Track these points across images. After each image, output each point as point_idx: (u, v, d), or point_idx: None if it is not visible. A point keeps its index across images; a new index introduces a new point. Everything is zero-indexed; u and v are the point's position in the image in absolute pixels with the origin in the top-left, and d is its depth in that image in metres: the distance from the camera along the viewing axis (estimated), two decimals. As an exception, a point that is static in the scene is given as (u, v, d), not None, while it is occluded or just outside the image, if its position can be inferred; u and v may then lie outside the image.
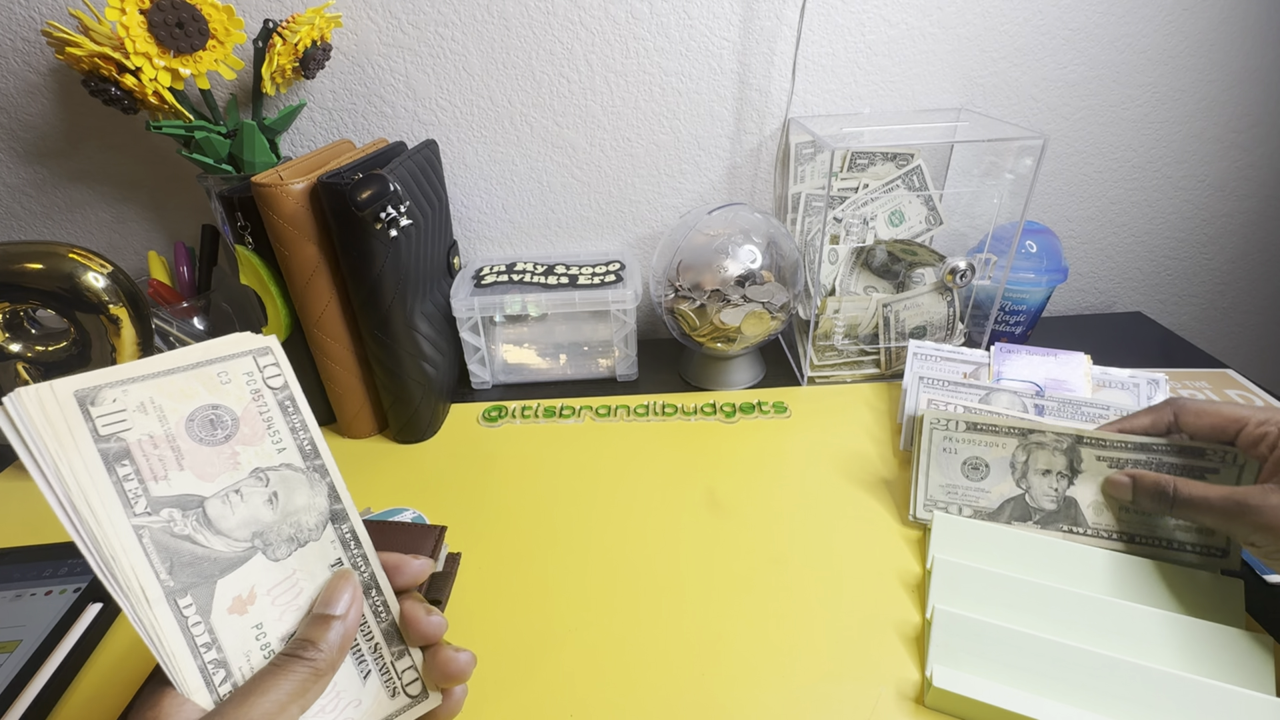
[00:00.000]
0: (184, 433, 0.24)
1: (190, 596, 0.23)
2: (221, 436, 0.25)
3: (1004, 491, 0.44)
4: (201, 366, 0.25)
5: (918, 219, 0.63)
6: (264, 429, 0.26)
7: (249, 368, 0.26)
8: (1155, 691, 0.33)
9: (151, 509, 0.23)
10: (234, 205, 0.51)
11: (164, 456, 0.24)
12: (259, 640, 0.25)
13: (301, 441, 0.27)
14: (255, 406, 0.26)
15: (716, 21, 0.62)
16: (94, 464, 0.22)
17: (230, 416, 0.25)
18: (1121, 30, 0.64)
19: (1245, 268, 0.79)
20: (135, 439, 0.23)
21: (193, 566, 0.24)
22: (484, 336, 0.64)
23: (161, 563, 0.23)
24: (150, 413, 0.24)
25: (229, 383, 0.25)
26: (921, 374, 0.55)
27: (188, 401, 0.25)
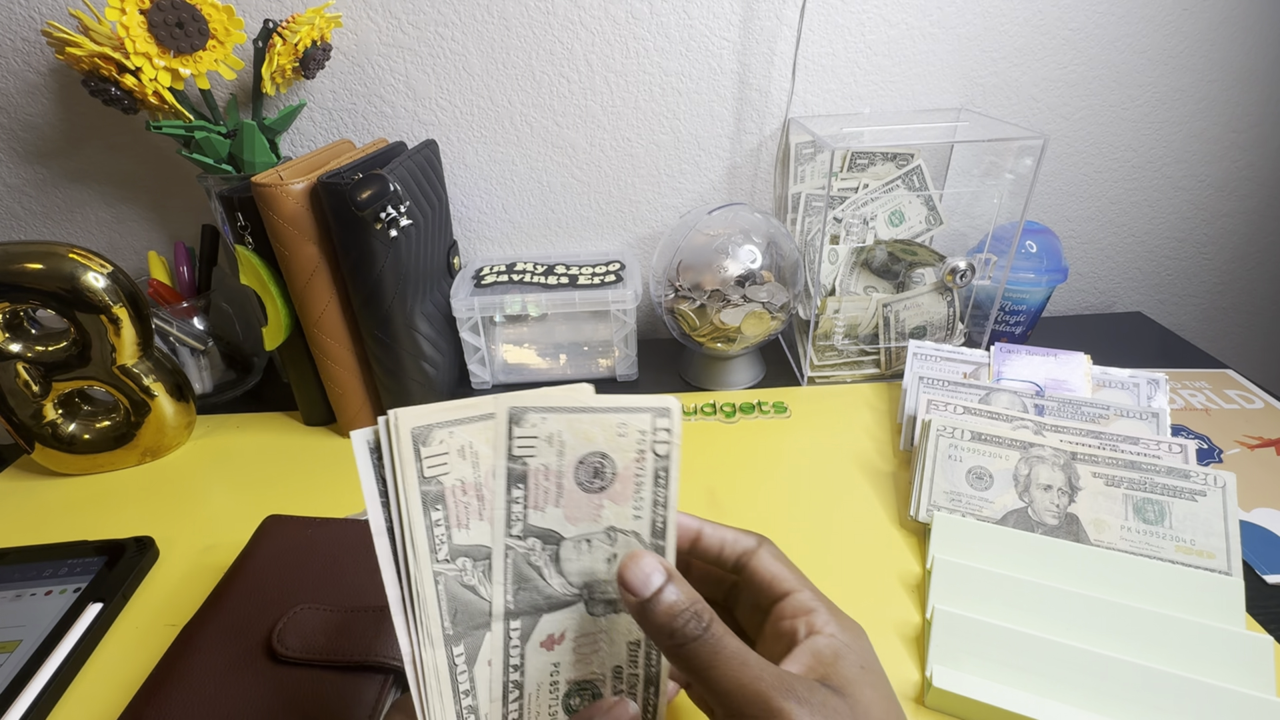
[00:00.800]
0: (571, 473, 0.24)
1: (462, 646, 0.24)
2: (598, 486, 0.25)
3: (1007, 503, 0.44)
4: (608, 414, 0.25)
5: (918, 219, 0.63)
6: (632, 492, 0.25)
7: (645, 426, 0.24)
8: (1155, 691, 0.33)
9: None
10: (234, 205, 0.51)
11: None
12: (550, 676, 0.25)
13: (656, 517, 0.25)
14: (634, 467, 0.25)
15: (716, 21, 0.62)
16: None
17: (612, 469, 0.25)
18: (1121, 30, 0.64)
19: (1245, 268, 0.79)
20: (535, 466, 0.24)
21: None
22: (484, 336, 0.64)
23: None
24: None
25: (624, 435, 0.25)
26: (921, 374, 0.55)
27: (585, 444, 0.24)
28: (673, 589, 0.22)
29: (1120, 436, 0.45)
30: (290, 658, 0.35)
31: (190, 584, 0.44)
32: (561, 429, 0.24)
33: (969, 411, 0.49)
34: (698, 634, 0.21)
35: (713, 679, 0.21)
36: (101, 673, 0.39)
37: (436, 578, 0.23)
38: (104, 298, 0.50)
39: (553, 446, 0.24)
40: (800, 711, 0.20)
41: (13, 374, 0.51)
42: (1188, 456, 0.43)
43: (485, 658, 0.25)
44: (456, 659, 0.24)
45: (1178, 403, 0.58)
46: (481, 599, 0.25)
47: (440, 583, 0.24)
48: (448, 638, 0.24)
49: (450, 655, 0.24)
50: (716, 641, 0.21)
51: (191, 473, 0.56)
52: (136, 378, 0.54)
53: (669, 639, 0.22)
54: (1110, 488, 0.42)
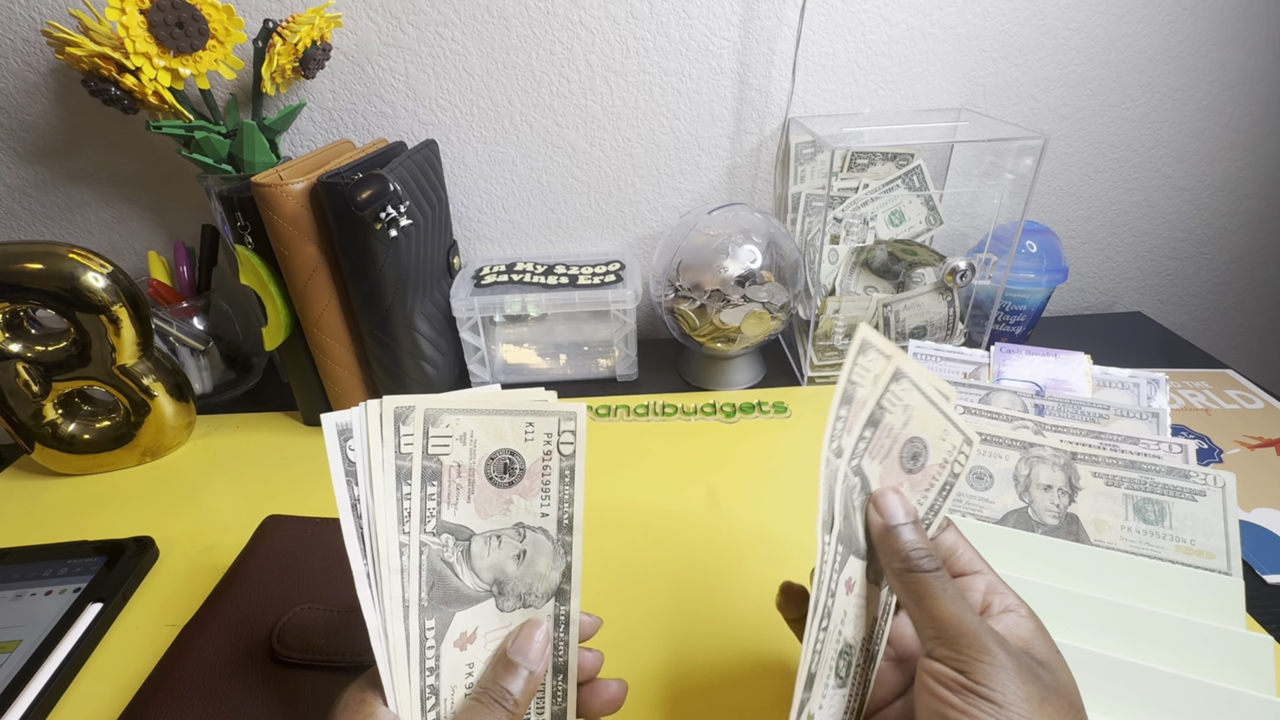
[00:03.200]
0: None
1: (434, 620, 0.25)
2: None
3: (1007, 503, 0.44)
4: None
5: (918, 219, 0.63)
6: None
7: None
8: (1155, 691, 0.33)
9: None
10: (234, 205, 0.51)
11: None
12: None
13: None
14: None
15: (716, 21, 0.62)
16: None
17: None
18: (1121, 30, 0.64)
19: (1245, 268, 0.79)
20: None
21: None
22: (484, 336, 0.64)
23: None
24: (467, 444, 0.25)
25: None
26: (921, 374, 0.55)
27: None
28: (914, 528, 0.25)
29: (1120, 436, 0.45)
30: (290, 658, 0.35)
31: (190, 584, 0.44)
32: (474, 428, 0.25)
33: (969, 411, 0.49)
34: (931, 568, 0.24)
35: (934, 607, 0.23)
36: (101, 673, 0.39)
37: (422, 548, 0.24)
38: (104, 298, 0.50)
39: (466, 445, 0.25)
40: (1006, 657, 0.21)
41: (13, 374, 0.51)
42: (1188, 456, 0.43)
43: (452, 639, 0.25)
44: (427, 632, 0.24)
45: (1178, 403, 0.58)
46: (457, 579, 0.25)
47: (425, 553, 0.25)
48: (422, 608, 0.24)
49: (421, 627, 0.24)
50: (943, 578, 0.23)
51: (191, 473, 0.56)
52: (136, 378, 0.54)
53: (903, 562, 0.24)
54: (1110, 488, 0.42)
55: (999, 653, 0.21)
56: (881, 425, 0.25)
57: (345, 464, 0.24)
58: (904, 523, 0.25)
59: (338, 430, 0.24)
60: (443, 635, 0.25)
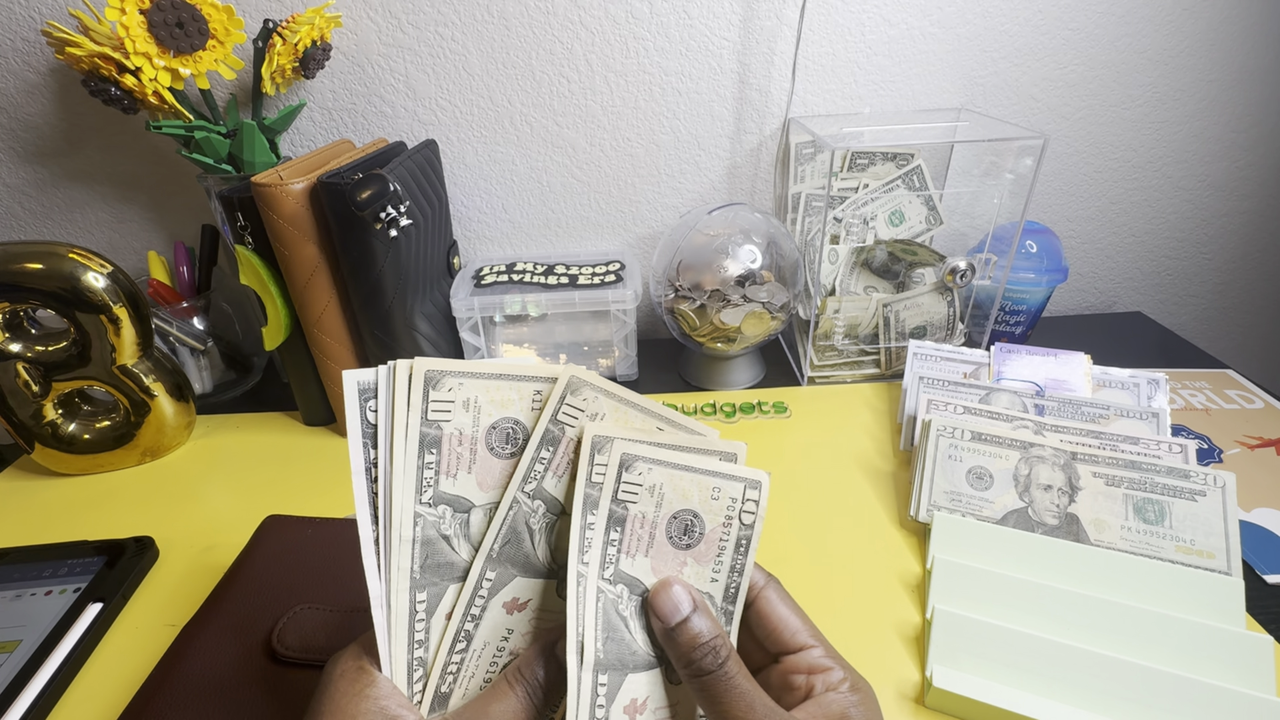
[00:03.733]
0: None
1: (425, 594, 0.24)
2: (685, 544, 0.25)
3: (1007, 503, 0.44)
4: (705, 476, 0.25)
5: (918, 219, 0.63)
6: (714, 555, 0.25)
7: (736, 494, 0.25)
8: (1155, 691, 0.33)
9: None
10: (234, 205, 0.51)
11: (642, 539, 0.25)
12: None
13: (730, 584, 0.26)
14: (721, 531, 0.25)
15: (716, 21, 0.62)
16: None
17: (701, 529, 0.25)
18: (1121, 30, 0.64)
19: (1245, 268, 0.79)
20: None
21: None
22: (484, 336, 0.64)
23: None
24: (654, 497, 0.25)
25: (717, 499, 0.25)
26: (921, 374, 0.55)
27: (681, 501, 0.25)
28: (698, 619, 0.23)
29: (1120, 436, 0.45)
30: (290, 658, 0.35)
31: (190, 584, 0.44)
32: (477, 394, 0.25)
33: (969, 411, 0.49)
34: (713, 669, 0.22)
35: (720, 713, 0.22)
36: (101, 673, 0.39)
37: (417, 518, 0.24)
38: (104, 298, 0.50)
39: (469, 412, 0.25)
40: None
41: (13, 374, 0.51)
42: (1188, 456, 0.43)
43: (444, 611, 0.25)
44: (418, 605, 0.24)
45: (1178, 403, 0.58)
46: (453, 551, 0.25)
47: (419, 524, 0.24)
48: (414, 582, 0.24)
49: (412, 600, 0.24)
50: (729, 679, 0.22)
51: (191, 473, 0.56)
52: (136, 378, 0.54)
53: (686, 667, 0.23)
54: (1110, 488, 0.42)
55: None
56: (629, 521, 0.24)
57: (364, 425, 0.23)
58: (682, 619, 0.23)
59: (359, 389, 0.23)
60: (433, 609, 0.25)
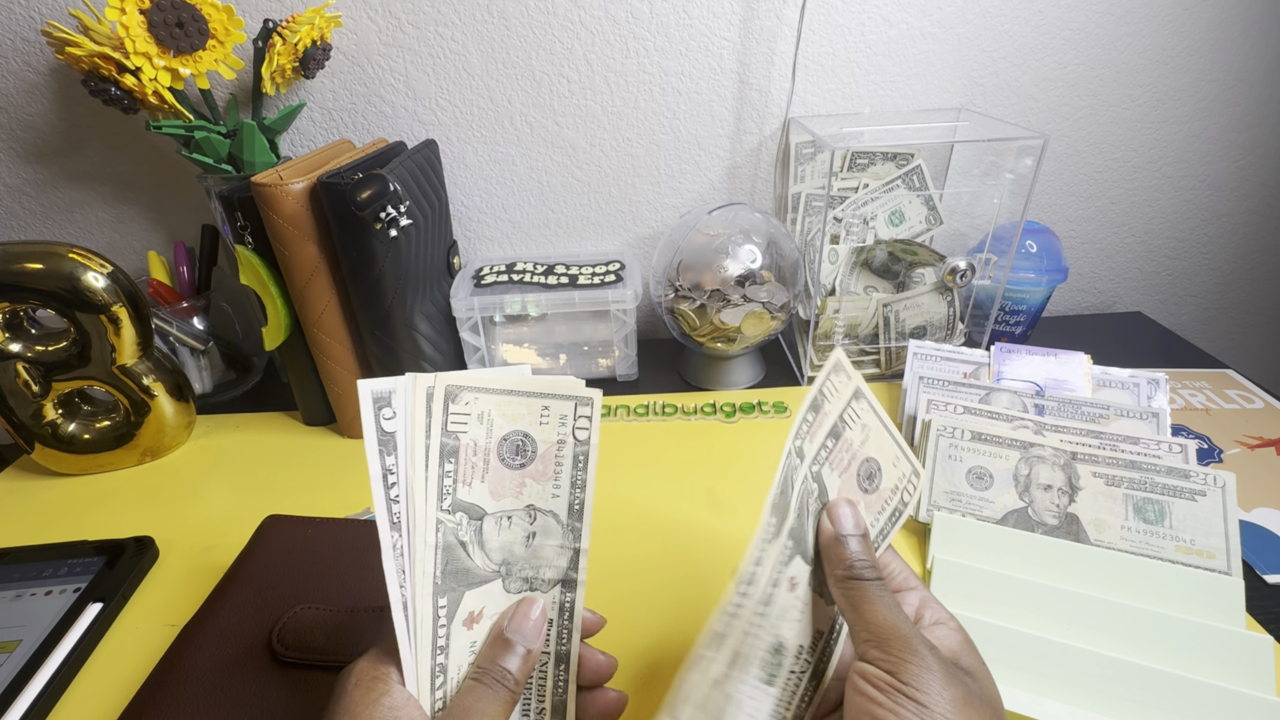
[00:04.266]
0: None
1: (446, 599, 0.25)
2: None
3: (1007, 503, 0.44)
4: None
5: (918, 219, 0.63)
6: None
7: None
8: (1155, 691, 0.33)
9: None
10: (234, 205, 0.51)
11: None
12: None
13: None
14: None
15: (716, 21, 0.62)
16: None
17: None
18: (1121, 30, 0.64)
19: (1245, 268, 0.79)
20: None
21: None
22: (484, 336, 0.64)
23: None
24: (484, 423, 0.26)
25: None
26: (921, 374, 0.55)
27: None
28: (860, 541, 0.26)
29: (1120, 436, 0.45)
30: (290, 658, 0.35)
31: (190, 584, 0.44)
32: (492, 408, 0.26)
33: (969, 411, 0.49)
34: (871, 577, 0.25)
35: (870, 612, 0.24)
36: (101, 673, 0.39)
37: (439, 526, 0.25)
38: (104, 298, 0.50)
39: (483, 424, 0.26)
40: (935, 660, 0.22)
41: (13, 374, 0.51)
42: (1188, 456, 0.43)
43: (461, 618, 0.25)
44: (440, 610, 0.25)
45: (1178, 403, 0.58)
46: (469, 558, 0.25)
47: (441, 531, 0.25)
48: (436, 587, 0.24)
49: (435, 605, 0.24)
50: (882, 588, 0.25)
51: (191, 473, 0.56)
52: (136, 378, 0.54)
53: (846, 570, 0.25)
54: (1110, 487, 0.42)
55: (928, 656, 0.22)
56: (842, 439, 0.26)
57: (379, 433, 0.24)
58: (852, 534, 0.26)
59: (373, 398, 0.24)
60: (454, 614, 0.25)
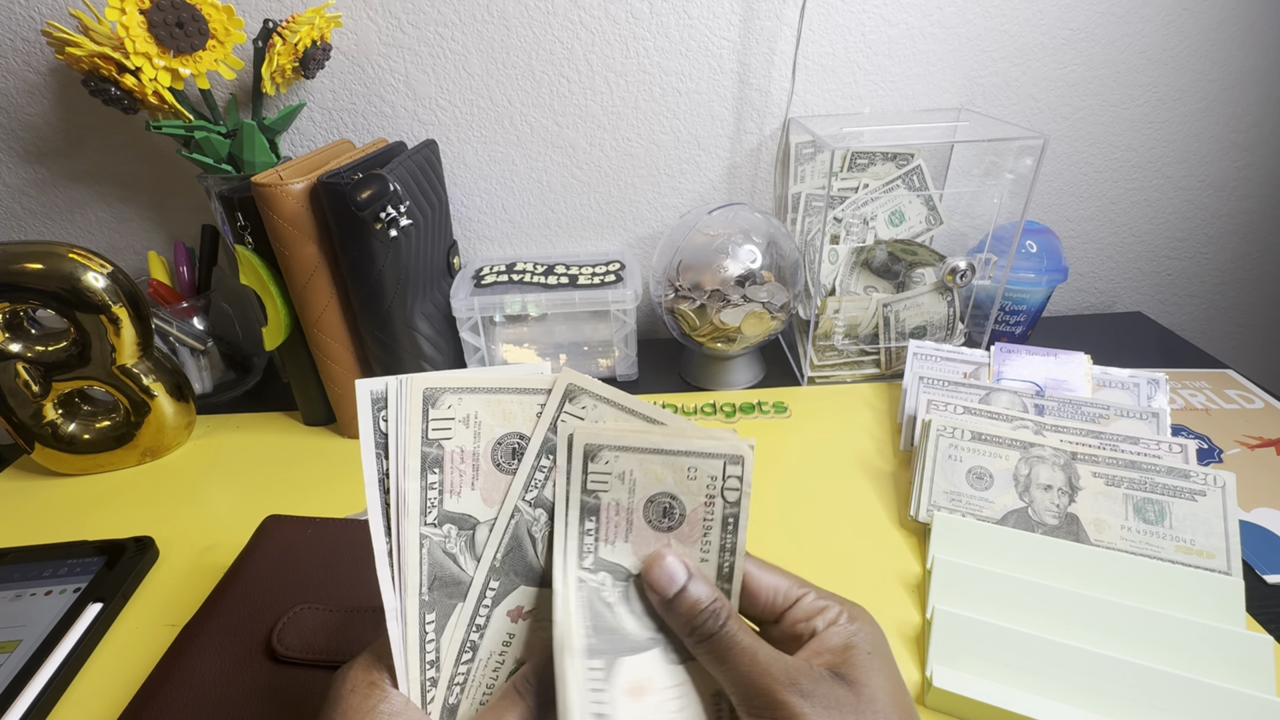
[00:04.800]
0: (640, 510, 0.25)
1: (434, 614, 0.24)
2: (666, 526, 0.25)
3: (1007, 503, 0.44)
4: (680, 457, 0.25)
5: (918, 219, 0.63)
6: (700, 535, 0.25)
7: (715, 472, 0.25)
8: (1155, 691, 0.33)
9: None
10: (234, 205, 0.51)
11: (620, 525, 0.25)
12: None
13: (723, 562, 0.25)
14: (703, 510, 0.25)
15: (716, 21, 0.62)
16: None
17: (681, 511, 0.25)
18: (1121, 30, 0.64)
19: (1245, 268, 0.79)
20: (608, 501, 0.24)
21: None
22: (484, 336, 0.64)
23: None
24: (626, 483, 0.24)
25: (694, 479, 0.25)
26: (921, 374, 0.55)
27: (656, 485, 0.25)
28: (695, 586, 0.23)
29: (1120, 436, 0.45)
30: (290, 658, 0.35)
31: (190, 584, 0.44)
32: (477, 409, 0.24)
33: (969, 411, 0.49)
34: (714, 630, 0.23)
35: (725, 672, 0.22)
36: (101, 673, 0.39)
37: (423, 540, 0.24)
38: (104, 298, 0.50)
39: (469, 429, 0.24)
40: (803, 704, 0.21)
41: (13, 374, 0.51)
42: (1188, 456, 0.43)
43: (452, 627, 0.25)
44: (427, 626, 0.24)
45: (1178, 403, 0.58)
46: (460, 569, 0.25)
47: (425, 545, 0.24)
48: (423, 603, 0.24)
49: (422, 621, 0.24)
50: (730, 638, 0.22)
51: (191, 473, 0.56)
52: (136, 378, 0.54)
53: (689, 634, 0.23)
54: (1110, 488, 0.42)
55: (793, 701, 0.21)
56: (602, 510, 0.24)
57: (377, 435, 0.23)
58: (679, 588, 0.23)
59: (372, 399, 0.23)
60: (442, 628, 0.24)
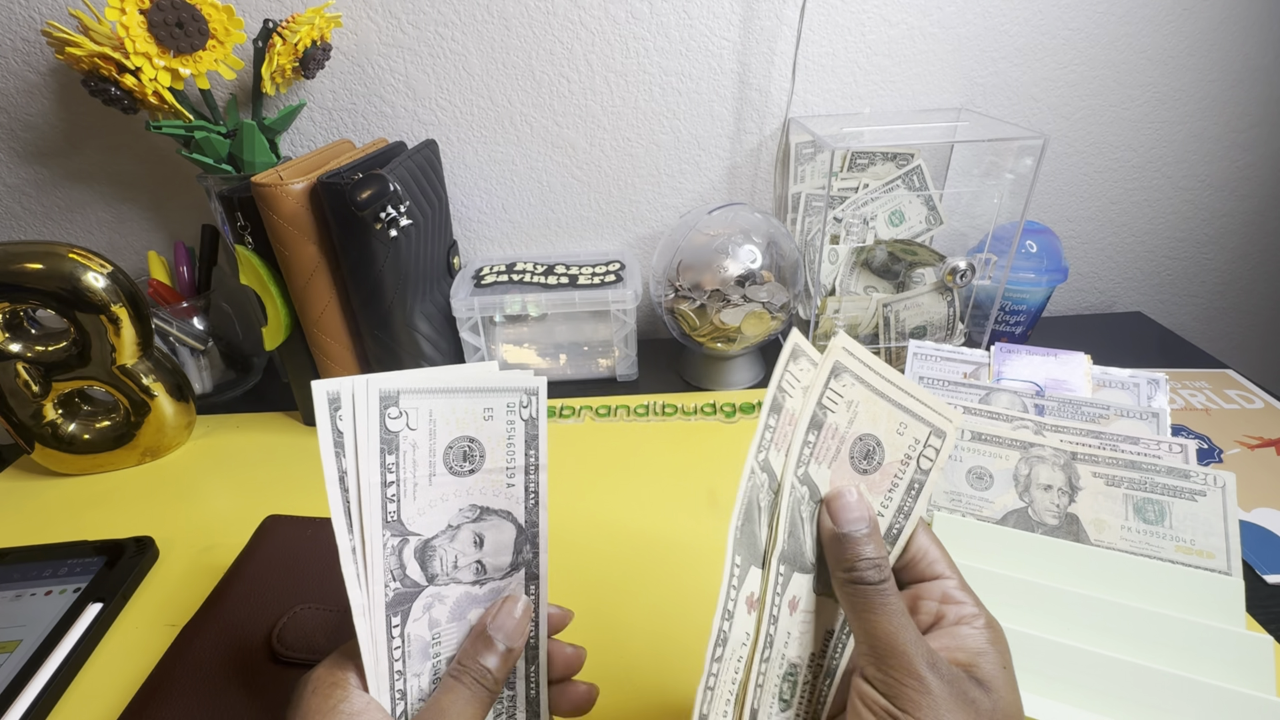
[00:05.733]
0: (849, 444, 0.25)
1: (785, 567, 0.24)
2: (863, 468, 0.25)
3: (1007, 504, 0.44)
4: (901, 409, 0.25)
5: (918, 219, 0.63)
6: (886, 489, 0.25)
7: (921, 435, 0.25)
8: (1155, 691, 0.33)
9: (802, 480, 0.24)
10: (234, 205, 0.51)
11: (831, 447, 0.25)
12: (785, 648, 0.25)
13: (894, 525, 0.25)
14: (898, 467, 0.25)
15: (716, 21, 0.62)
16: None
17: (880, 458, 0.25)
18: (1121, 30, 0.64)
19: (1245, 268, 0.79)
20: (830, 422, 0.24)
21: (793, 543, 0.24)
22: (484, 336, 0.64)
23: (787, 525, 0.24)
24: (850, 411, 0.25)
25: (902, 434, 0.25)
26: (921, 374, 0.55)
27: (872, 424, 0.25)
28: (867, 536, 0.24)
29: (1120, 436, 0.45)
30: (290, 658, 0.35)
31: (190, 584, 0.44)
32: (432, 408, 0.25)
33: (969, 411, 0.49)
34: (875, 581, 0.23)
35: (871, 623, 0.22)
36: (101, 673, 0.39)
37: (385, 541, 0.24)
38: (104, 298, 0.50)
39: (421, 429, 0.25)
40: (937, 684, 0.20)
41: (13, 374, 0.51)
42: (1188, 456, 0.43)
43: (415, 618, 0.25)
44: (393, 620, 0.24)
45: (1178, 403, 0.58)
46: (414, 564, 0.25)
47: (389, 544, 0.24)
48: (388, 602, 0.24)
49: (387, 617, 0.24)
50: (886, 592, 0.22)
51: (191, 473, 0.56)
52: (136, 378, 0.54)
53: (849, 572, 0.23)
54: (1110, 487, 0.42)
55: (929, 678, 0.20)
56: (825, 427, 0.24)
57: (334, 434, 0.23)
58: (855, 530, 0.23)
59: (328, 399, 0.23)
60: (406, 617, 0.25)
